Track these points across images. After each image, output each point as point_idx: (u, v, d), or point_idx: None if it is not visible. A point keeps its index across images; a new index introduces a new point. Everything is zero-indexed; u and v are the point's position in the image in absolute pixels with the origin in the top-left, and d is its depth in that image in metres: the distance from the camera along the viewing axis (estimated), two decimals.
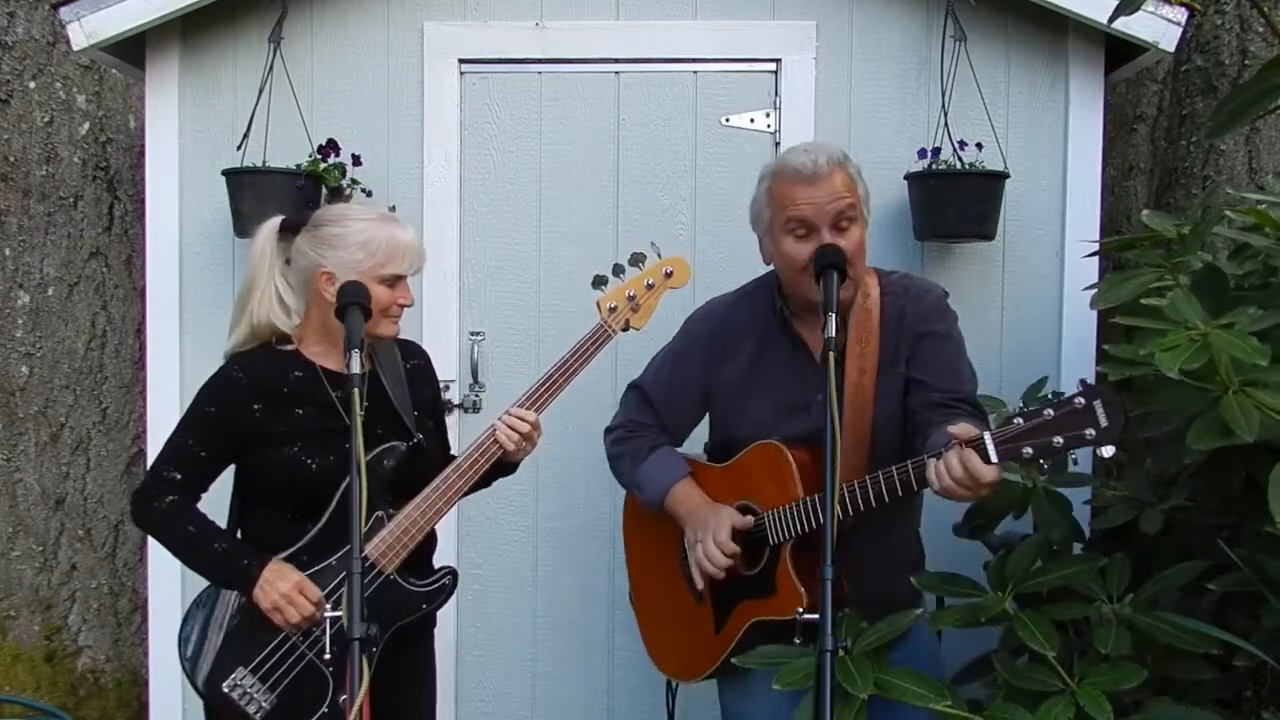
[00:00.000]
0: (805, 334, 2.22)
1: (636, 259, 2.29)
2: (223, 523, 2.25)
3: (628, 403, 2.45)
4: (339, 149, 3.08)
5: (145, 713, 3.41)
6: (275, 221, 2.24)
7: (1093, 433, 1.77)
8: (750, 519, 2.17)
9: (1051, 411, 1.79)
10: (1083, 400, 1.77)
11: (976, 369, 2.28)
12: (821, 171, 2.10)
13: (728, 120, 3.22)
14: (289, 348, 2.22)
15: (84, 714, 3.86)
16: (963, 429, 1.85)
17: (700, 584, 2.21)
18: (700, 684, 2.38)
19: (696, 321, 2.37)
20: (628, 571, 2.54)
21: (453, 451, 2.40)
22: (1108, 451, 1.77)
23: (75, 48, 3.06)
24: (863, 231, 2.15)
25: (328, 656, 2.07)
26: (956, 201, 2.97)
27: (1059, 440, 1.78)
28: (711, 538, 2.15)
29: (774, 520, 2.13)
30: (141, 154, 3.37)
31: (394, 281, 2.16)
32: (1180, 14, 2.91)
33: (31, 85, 3.93)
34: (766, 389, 2.23)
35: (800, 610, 1.95)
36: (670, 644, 2.41)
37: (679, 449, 2.41)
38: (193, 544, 2.16)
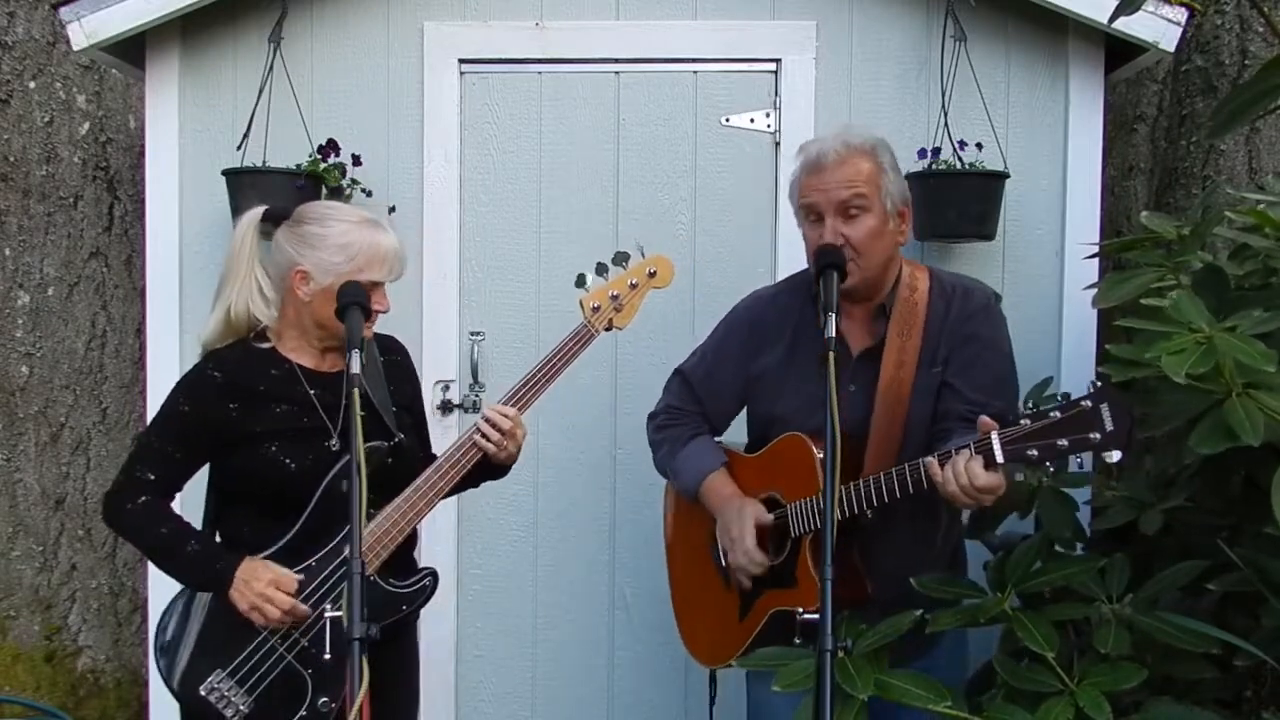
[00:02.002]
0: (842, 321, 2.19)
1: (620, 258, 2.28)
2: (198, 521, 2.23)
3: (671, 389, 2.49)
4: (339, 149, 3.08)
5: (145, 713, 3.41)
6: (257, 211, 2.20)
7: (1097, 436, 1.76)
8: (771, 516, 2.20)
9: (1058, 413, 1.79)
10: (1089, 403, 1.76)
11: None
12: (828, 161, 2.13)
13: (728, 120, 3.22)
14: (266, 345, 2.19)
15: (84, 714, 3.86)
16: (981, 421, 1.87)
17: (730, 568, 2.25)
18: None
19: (738, 311, 2.41)
20: (666, 557, 2.58)
21: (432, 449, 2.38)
22: (1114, 456, 1.76)
23: (75, 48, 3.06)
24: (880, 221, 2.14)
25: (327, 657, 2.06)
26: (956, 201, 2.97)
27: (1063, 442, 1.78)
28: (739, 547, 2.19)
29: (796, 512, 2.15)
30: (141, 154, 3.37)
31: (371, 287, 2.11)
32: (1180, 14, 2.91)
33: (31, 85, 3.93)
34: (799, 380, 2.23)
35: (801, 610, 1.95)
36: (700, 628, 2.46)
37: (719, 438, 2.44)
38: (166, 546, 2.13)
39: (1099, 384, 1.81)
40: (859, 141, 2.17)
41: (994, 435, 1.85)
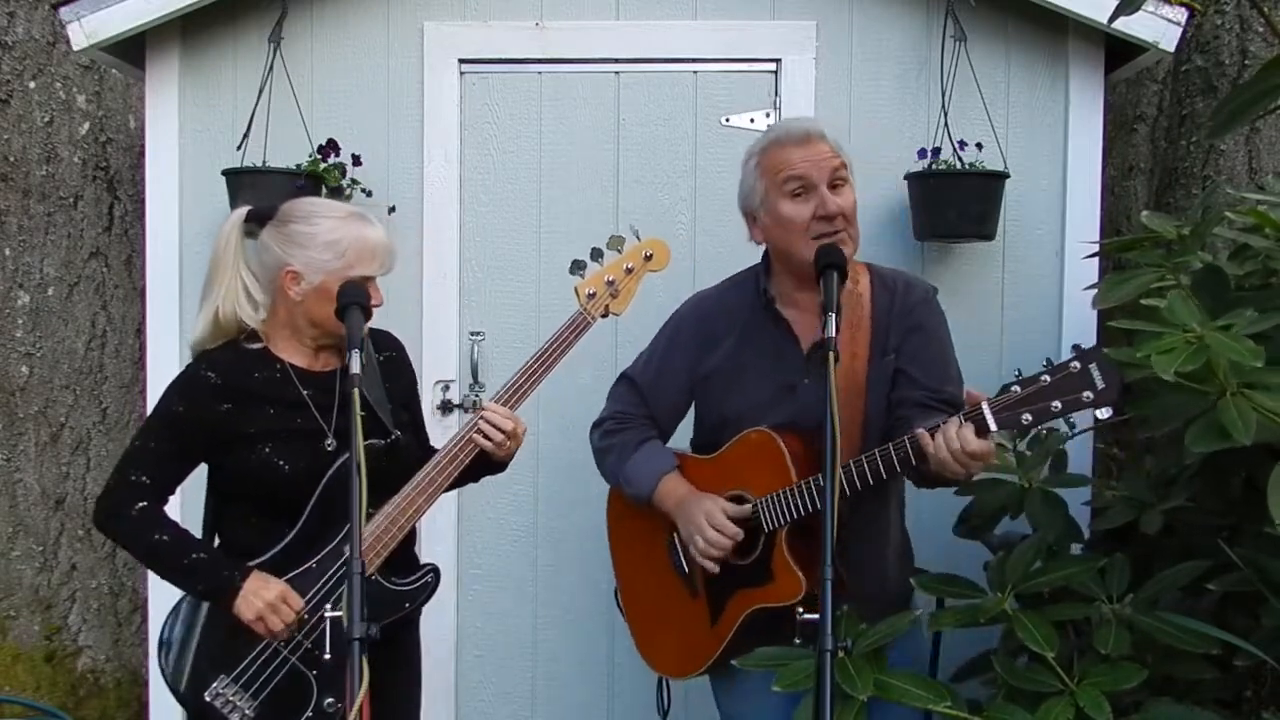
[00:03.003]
0: (791, 317, 2.22)
1: (615, 243, 2.26)
2: (197, 522, 2.22)
3: (616, 394, 2.44)
4: (339, 149, 3.08)
5: (145, 713, 3.41)
6: (241, 212, 2.18)
7: (1090, 395, 1.79)
8: (746, 507, 2.16)
9: (1048, 377, 1.82)
10: (1078, 364, 1.80)
11: (977, 369, 2.29)
12: (815, 133, 2.16)
13: (728, 120, 3.22)
14: (257, 346, 2.17)
15: (84, 714, 3.86)
16: (969, 394, 1.89)
17: (694, 574, 2.22)
18: (699, 681, 2.37)
19: (684, 310, 2.39)
20: (614, 570, 2.51)
21: (432, 444, 2.37)
22: (1104, 413, 1.78)
23: (75, 48, 3.06)
24: (854, 195, 2.17)
25: (327, 657, 2.06)
26: (956, 201, 2.96)
27: (1057, 405, 1.81)
28: (708, 523, 2.15)
29: (767, 507, 2.12)
30: (141, 154, 3.37)
31: (362, 283, 2.09)
32: (1180, 14, 2.91)
33: (31, 85, 3.93)
34: (753, 374, 2.23)
35: (800, 610, 1.95)
36: (664, 641, 2.40)
37: (667, 443, 2.40)
38: (166, 554, 2.10)
39: (1083, 346, 1.83)
40: (816, 123, 2.22)
41: (984, 403, 1.86)
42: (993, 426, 1.85)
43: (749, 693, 2.21)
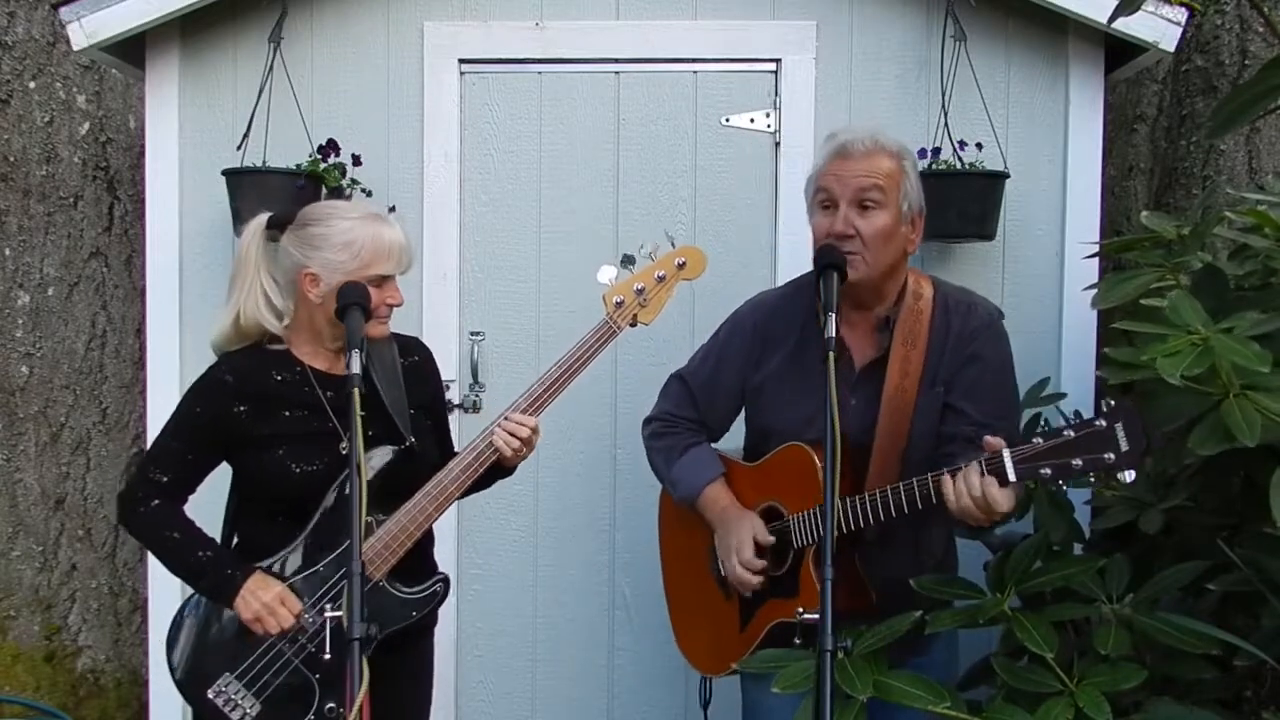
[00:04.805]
0: (845, 332, 2.17)
1: (648, 251, 2.20)
2: (218, 523, 2.24)
3: (668, 393, 2.45)
4: (339, 149, 3.08)
5: (145, 713, 3.41)
6: (262, 219, 2.20)
7: (1112, 456, 1.76)
8: (771, 538, 2.18)
9: (1072, 432, 1.79)
10: (1104, 422, 1.77)
11: None
12: (857, 149, 2.11)
13: (728, 120, 3.22)
14: (279, 347, 2.19)
15: (84, 714, 3.86)
16: (988, 441, 1.87)
17: (734, 587, 2.24)
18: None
19: (743, 314, 2.37)
20: (661, 565, 2.56)
21: (454, 448, 2.37)
22: (1128, 476, 1.76)
23: (75, 48, 3.06)
24: (893, 221, 2.11)
25: (328, 656, 2.06)
26: (956, 201, 2.96)
27: (1078, 462, 1.78)
28: (737, 558, 2.17)
29: (799, 524, 2.14)
30: (141, 154, 3.37)
31: (380, 282, 2.11)
32: (1180, 14, 2.91)
33: (31, 85, 3.93)
34: (803, 387, 2.20)
35: (801, 610, 1.96)
36: (699, 638, 2.44)
37: (715, 445, 2.42)
38: (176, 550, 2.13)
39: (1113, 402, 1.80)
40: (888, 141, 2.16)
41: (1005, 453, 1.84)
42: (1012, 477, 1.84)
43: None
